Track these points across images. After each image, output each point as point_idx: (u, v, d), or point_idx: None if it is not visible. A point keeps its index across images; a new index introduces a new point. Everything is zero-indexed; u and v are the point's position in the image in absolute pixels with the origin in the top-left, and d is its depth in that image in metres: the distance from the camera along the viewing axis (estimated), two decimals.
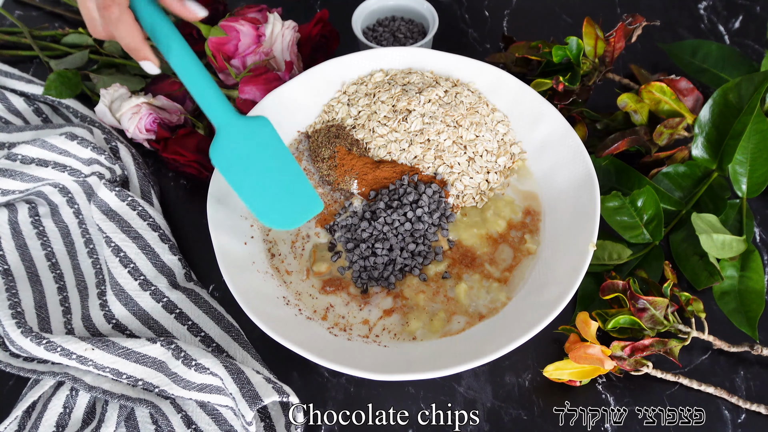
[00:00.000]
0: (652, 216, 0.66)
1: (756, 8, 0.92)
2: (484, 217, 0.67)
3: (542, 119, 0.69)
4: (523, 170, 0.70)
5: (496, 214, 0.67)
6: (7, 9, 0.95)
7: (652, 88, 0.70)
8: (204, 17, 0.57)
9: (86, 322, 0.64)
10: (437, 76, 0.73)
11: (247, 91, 0.73)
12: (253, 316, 0.57)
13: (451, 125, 0.68)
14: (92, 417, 0.59)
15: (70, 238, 0.71)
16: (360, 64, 0.74)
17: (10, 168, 0.70)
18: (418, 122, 0.68)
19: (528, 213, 0.67)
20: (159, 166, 0.78)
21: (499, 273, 0.64)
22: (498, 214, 0.67)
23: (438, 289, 0.63)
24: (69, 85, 0.80)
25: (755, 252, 0.66)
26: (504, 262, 0.64)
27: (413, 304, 0.62)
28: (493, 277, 0.63)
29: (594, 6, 0.93)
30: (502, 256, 0.65)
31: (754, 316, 0.63)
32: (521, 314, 0.59)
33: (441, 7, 0.93)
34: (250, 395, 0.54)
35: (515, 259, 0.64)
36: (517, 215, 0.67)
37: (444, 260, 0.64)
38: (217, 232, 0.62)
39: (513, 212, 0.67)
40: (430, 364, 0.56)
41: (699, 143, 0.70)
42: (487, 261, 0.64)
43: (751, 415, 0.59)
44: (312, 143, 0.71)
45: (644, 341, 0.59)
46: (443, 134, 0.67)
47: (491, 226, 0.66)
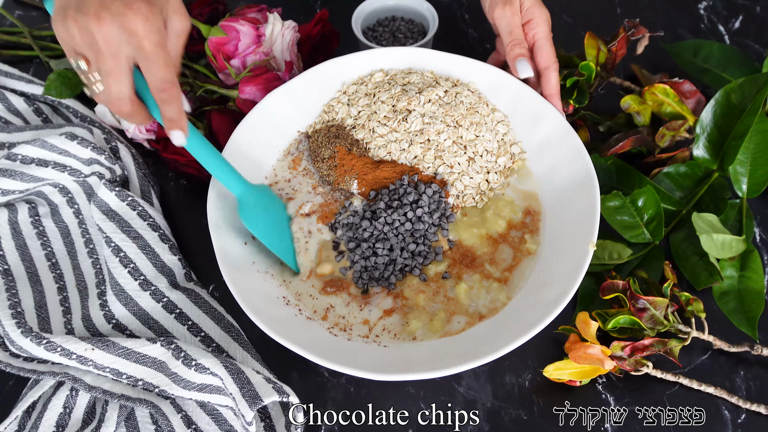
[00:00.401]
0: (652, 216, 0.66)
1: (756, 8, 0.92)
2: (484, 217, 0.67)
3: (542, 119, 0.69)
4: (523, 170, 0.70)
5: (496, 214, 0.67)
6: (7, 9, 0.95)
7: (655, 90, 0.70)
8: (179, 145, 0.57)
9: (86, 322, 0.64)
10: (437, 76, 0.73)
11: (247, 91, 0.73)
12: (253, 316, 0.57)
13: (451, 125, 0.68)
14: (92, 417, 0.59)
15: (70, 238, 0.71)
16: (360, 64, 0.74)
17: (10, 168, 0.70)
18: (418, 122, 0.68)
19: (528, 213, 0.67)
20: (159, 166, 0.78)
21: (499, 273, 0.64)
22: (498, 214, 0.67)
23: (438, 289, 0.63)
24: (69, 85, 0.80)
25: (755, 252, 0.66)
26: (504, 262, 0.64)
27: (413, 304, 0.62)
28: (493, 277, 0.63)
29: (594, 6, 0.93)
30: (502, 256, 0.65)
31: (754, 316, 0.63)
32: (521, 314, 0.59)
33: (441, 7, 0.93)
34: (250, 395, 0.54)
35: (515, 259, 0.64)
36: (518, 215, 0.67)
37: (444, 260, 0.64)
38: (217, 232, 0.62)
39: (513, 212, 0.67)
40: (430, 364, 0.56)
41: (700, 143, 0.70)
42: (487, 261, 0.64)
43: (751, 415, 0.59)
44: (312, 143, 0.71)
45: (644, 341, 0.59)
46: (443, 134, 0.67)
47: (491, 226, 0.66)
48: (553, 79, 0.68)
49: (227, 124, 0.74)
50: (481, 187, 0.68)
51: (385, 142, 0.68)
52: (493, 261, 0.64)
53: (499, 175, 0.69)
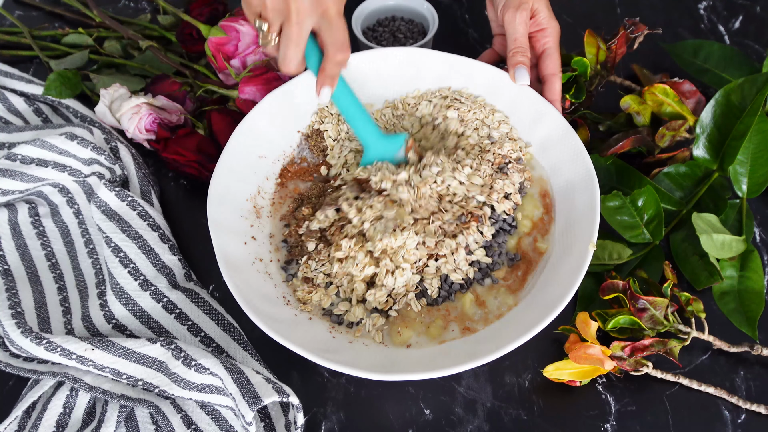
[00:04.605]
0: (652, 216, 0.66)
1: (756, 8, 0.92)
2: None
3: (542, 119, 0.69)
4: (533, 161, 0.69)
5: (524, 216, 0.66)
6: (7, 9, 0.95)
7: (655, 90, 0.70)
8: (322, 104, 0.64)
9: (86, 322, 0.64)
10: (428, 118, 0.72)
11: (247, 91, 0.73)
12: (253, 316, 0.57)
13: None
14: (92, 417, 0.59)
15: (70, 238, 0.71)
16: (360, 64, 0.74)
17: (10, 168, 0.70)
18: (412, 241, 0.62)
19: (545, 207, 0.66)
20: (159, 166, 0.78)
21: (512, 280, 0.63)
22: (525, 214, 0.66)
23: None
24: (69, 85, 0.80)
25: (755, 252, 0.66)
26: (519, 269, 0.64)
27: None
28: (505, 286, 0.63)
29: (594, 6, 0.93)
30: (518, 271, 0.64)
31: (753, 316, 0.63)
32: (521, 314, 0.59)
33: (441, 7, 0.93)
34: (250, 395, 0.54)
35: (530, 263, 0.63)
36: (539, 210, 0.66)
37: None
38: (217, 232, 0.62)
39: (535, 207, 0.66)
40: (430, 364, 0.56)
41: (700, 143, 0.70)
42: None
43: (751, 415, 0.59)
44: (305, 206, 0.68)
45: (644, 341, 0.59)
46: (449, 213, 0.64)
47: (521, 229, 0.65)
48: (557, 86, 0.69)
49: (227, 124, 0.74)
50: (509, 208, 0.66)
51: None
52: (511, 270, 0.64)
53: (515, 183, 0.67)
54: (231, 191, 0.66)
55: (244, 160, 0.68)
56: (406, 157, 0.66)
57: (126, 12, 0.95)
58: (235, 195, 0.66)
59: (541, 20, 0.70)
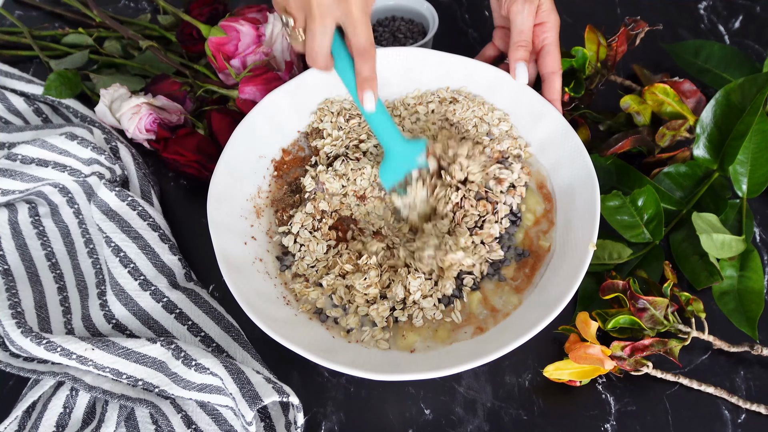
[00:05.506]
0: (652, 215, 0.66)
1: (756, 8, 0.92)
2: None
3: (542, 119, 0.69)
4: (531, 159, 0.69)
5: (528, 209, 0.66)
6: (7, 9, 0.95)
7: (655, 89, 0.70)
8: (369, 110, 0.61)
9: (86, 322, 0.64)
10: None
11: (247, 91, 0.73)
12: (253, 316, 0.57)
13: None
14: (92, 417, 0.59)
15: (70, 238, 0.71)
16: None
17: (10, 168, 0.70)
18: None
19: (547, 201, 0.67)
20: (159, 166, 0.78)
21: (520, 278, 0.63)
22: (528, 208, 0.66)
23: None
24: (69, 85, 0.80)
25: (755, 252, 0.66)
26: (526, 266, 0.64)
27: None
28: (511, 285, 0.63)
29: (594, 6, 0.93)
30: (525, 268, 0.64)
31: (753, 316, 0.63)
32: (522, 314, 0.59)
33: (441, 7, 0.93)
34: (250, 395, 0.54)
35: (537, 260, 0.64)
36: (541, 205, 0.66)
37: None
38: (217, 232, 0.62)
39: (537, 203, 0.66)
40: (430, 364, 0.56)
41: (701, 143, 0.70)
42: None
43: (751, 415, 0.59)
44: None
45: (644, 341, 0.59)
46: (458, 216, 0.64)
47: (525, 222, 0.65)
48: (557, 84, 0.69)
49: (227, 124, 0.74)
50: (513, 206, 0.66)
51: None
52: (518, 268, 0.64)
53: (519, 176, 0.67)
54: (231, 191, 0.66)
55: (244, 160, 0.68)
56: (427, 162, 0.65)
57: (126, 12, 0.95)
58: (235, 195, 0.66)
59: (543, 13, 0.68)
